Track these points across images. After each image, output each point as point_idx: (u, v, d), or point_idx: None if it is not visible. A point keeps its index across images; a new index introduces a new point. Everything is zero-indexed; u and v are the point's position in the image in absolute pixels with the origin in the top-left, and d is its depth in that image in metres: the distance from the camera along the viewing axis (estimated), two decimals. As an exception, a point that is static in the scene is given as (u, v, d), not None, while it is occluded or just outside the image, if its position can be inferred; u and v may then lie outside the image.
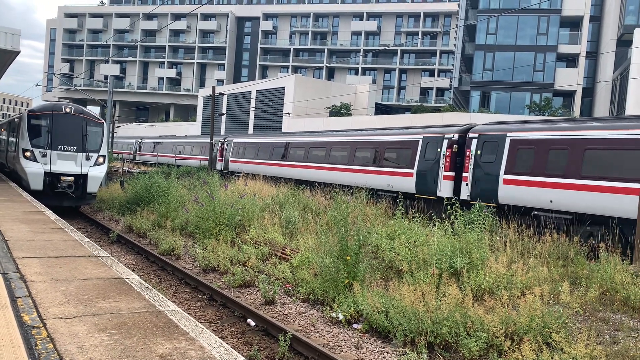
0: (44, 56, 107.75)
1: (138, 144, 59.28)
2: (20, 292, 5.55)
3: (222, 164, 37.81)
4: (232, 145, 36.46)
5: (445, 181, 17.57)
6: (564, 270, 10.79)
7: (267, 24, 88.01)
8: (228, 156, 36.80)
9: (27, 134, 17.95)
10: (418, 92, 78.92)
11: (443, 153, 17.69)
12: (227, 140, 38.14)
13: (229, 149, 36.97)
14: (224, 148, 37.90)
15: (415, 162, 19.07)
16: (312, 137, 27.64)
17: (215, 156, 38.53)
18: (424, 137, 18.99)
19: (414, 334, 7.21)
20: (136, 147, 59.36)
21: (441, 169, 17.74)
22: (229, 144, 37.42)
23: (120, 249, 14.06)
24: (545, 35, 48.07)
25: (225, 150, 37.72)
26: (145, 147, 56.89)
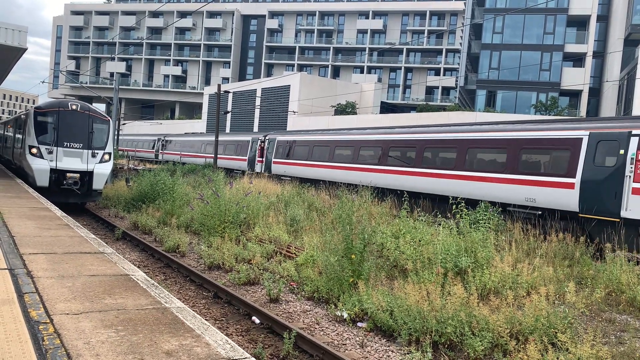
0: (50, 53, 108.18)
1: (161, 142, 53.54)
2: (27, 287, 5.58)
3: (263, 165, 32.54)
4: (276, 144, 30.97)
5: (636, 196, 12.47)
6: (569, 270, 10.76)
7: (273, 22, 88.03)
8: (270, 157, 31.34)
9: (34, 130, 18.02)
10: (424, 91, 78.80)
11: (631, 156, 12.70)
12: (269, 138, 32.65)
13: (272, 148, 31.45)
14: (265, 147, 32.54)
15: (579, 168, 13.84)
16: (412, 133, 20.50)
17: (254, 156, 34.10)
18: (592, 133, 13.88)
19: (419, 333, 7.20)
20: (158, 145, 54.04)
21: (629, 178, 12.67)
22: (271, 143, 31.97)
23: (125, 246, 14.11)
24: (551, 35, 47.88)
25: (266, 150, 32.20)
26: (171, 145, 50.88)
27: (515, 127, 16.55)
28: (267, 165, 31.84)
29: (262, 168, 32.40)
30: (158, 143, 54.01)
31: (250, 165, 34.08)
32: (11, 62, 20.14)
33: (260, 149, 33.23)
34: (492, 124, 18.24)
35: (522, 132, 16.01)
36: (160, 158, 52.14)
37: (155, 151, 54.56)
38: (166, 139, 52.66)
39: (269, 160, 31.48)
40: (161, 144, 53.18)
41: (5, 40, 16.20)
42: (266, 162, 31.97)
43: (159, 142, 53.89)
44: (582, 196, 13.58)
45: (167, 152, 51.25)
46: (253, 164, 33.79)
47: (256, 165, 33.33)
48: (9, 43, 16.35)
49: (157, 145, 54.28)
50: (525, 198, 15.06)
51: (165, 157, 51.19)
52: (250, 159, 34.28)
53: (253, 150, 34.32)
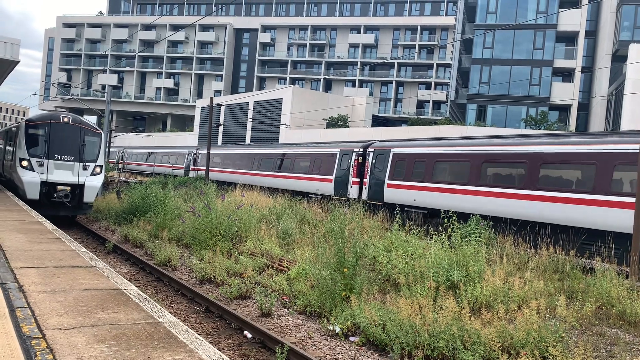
0: (41, 65, 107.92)
1: (192, 155, 44.60)
2: (18, 302, 5.55)
3: (366, 189, 22.52)
4: (391, 158, 21.36)
5: None
6: (560, 284, 10.83)
7: (265, 35, 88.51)
8: (382, 177, 21.56)
9: (25, 143, 17.95)
10: (415, 104, 79.36)
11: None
12: (379, 149, 22.35)
13: (383, 164, 21.77)
14: (369, 162, 22.63)
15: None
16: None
17: (346, 175, 24.12)
18: None
19: (411, 347, 7.22)
20: (189, 160, 44.88)
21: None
22: (380, 156, 22.06)
23: (116, 260, 14.03)
24: (541, 50, 48.51)
25: (371, 167, 22.35)
26: (214, 160, 40.52)
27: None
28: (373, 189, 22.01)
29: (364, 193, 22.58)
30: (189, 157, 45.02)
31: (339, 187, 24.36)
32: (3, 74, 20.11)
33: (358, 164, 23.44)
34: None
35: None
36: (193, 174, 42.18)
37: (185, 167, 45.49)
38: (199, 152, 43.32)
39: (379, 181, 21.72)
40: (193, 159, 44.20)
41: (-3, 53, 16.20)
42: (372, 185, 22.12)
43: (190, 156, 44.91)
44: None
45: (199, 167, 42.05)
46: (344, 187, 24.07)
47: (350, 189, 23.59)
48: (1, 56, 16.34)
49: (189, 159, 45.20)
50: None
51: (197, 173, 41.78)
52: (339, 180, 24.44)
53: (344, 166, 24.41)
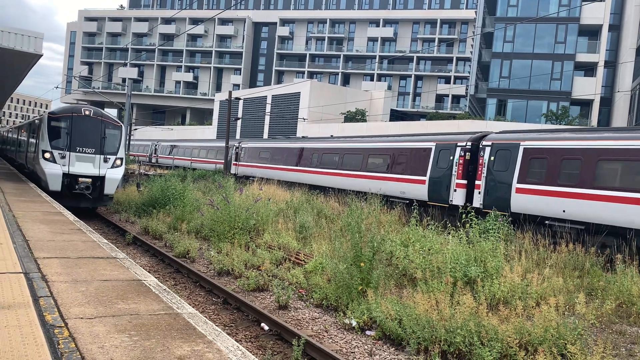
0: (63, 59, 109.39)
1: (234, 149, 39.34)
2: (42, 291, 5.67)
3: (486, 195, 16.89)
4: (522, 154, 16.22)
5: None
6: (579, 281, 10.71)
7: (284, 29, 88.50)
8: (509, 179, 16.31)
9: (47, 135, 18.25)
10: (434, 99, 78.77)
11: None
12: (500, 142, 17.07)
13: (508, 162, 16.54)
14: (487, 159, 17.08)
15: None
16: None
17: (447, 176, 18.54)
18: None
19: (428, 342, 7.22)
20: (231, 154, 39.57)
21: None
22: (506, 152, 16.72)
23: (136, 251, 14.23)
24: (563, 44, 47.77)
25: (491, 165, 16.93)
26: (259, 154, 35.38)
27: None
28: (493, 194, 16.68)
29: (476, 198, 17.24)
30: (231, 152, 39.56)
31: (436, 190, 18.89)
32: (26, 68, 20.43)
33: (464, 162, 17.94)
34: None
35: None
36: (234, 171, 38.18)
37: (230, 158, 40.17)
38: (242, 146, 38.17)
39: (501, 184, 16.49)
40: (235, 153, 39.09)
41: (21, 47, 16.45)
42: (490, 189, 16.83)
43: (232, 151, 39.60)
44: None
45: (246, 164, 36.99)
46: (443, 190, 18.61)
47: (453, 193, 18.17)
48: (24, 49, 16.60)
49: (230, 154, 39.54)
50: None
51: (244, 170, 36.91)
52: (436, 181, 18.94)
53: (443, 164, 18.83)
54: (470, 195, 17.74)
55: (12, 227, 9.63)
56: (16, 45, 16.35)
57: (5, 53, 16.70)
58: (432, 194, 19.19)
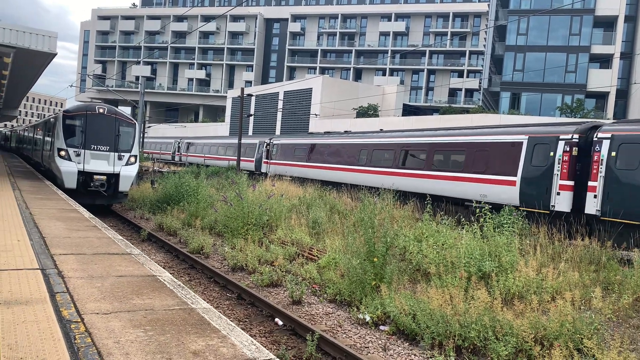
0: (77, 57, 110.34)
1: (265, 146, 35.89)
2: (58, 287, 5.74)
3: (607, 199, 13.69)
4: None
5: None
6: (595, 275, 10.59)
7: (295, 25, 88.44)
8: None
9: (62, 133, 18.44)
10: (446, 93, 78.25)
11: None
12: (625, 134, 13.94)
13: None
14: (606, 156, 14.02)
15: None
16: None
17: (546, 176, 15.50)
18: None
19: (442, 337, 7.19)
20: (262, 152, 36.58)
21: None
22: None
23: (151, 247, 14.34)
24: (577, 36, 47.16)
25: (614, 164, 13.84)
26: (295, 152, 31.30)
27: None
28: (621, 198, 13.53)
29: (591, 203, 14.14)
30: (261, 148, 36.73)
31: (531, 192, 15.86)
32: (41, 67, 20.65)
33: (571, 159, 15.08)
34: None
35: None
36: (265, 170, 34.96)
37: (256, 160, 37.21)
38: (275, 142, 34.44)
39: (633, 187, 13.40)
40: (266, 150, 35.74)
41: (36, 46, 16.63)
42: (614, 192, 13.72)
43: (262, 148, 36.60)
44: None
45: (279, 162, 33.05)
46: (542, 192, 15.50)
47: (556, 197, 15.12)
48: (39, 48, 16.77)
49: (260, 151, 36.71)
50: None
51: (277, 169, 33.00)
52: (531, 182, 16.00)
53: (539, 162, 16.00)
54: (579, 199, 14.70)
55: (29, 224, 9.76)
56: (31, 45, 16.53)
57: (20, 52, 16.89)
58: (525, 198, 15.97)
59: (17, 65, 19.62)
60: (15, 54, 16.88)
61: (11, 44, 16.24)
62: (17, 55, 17.17)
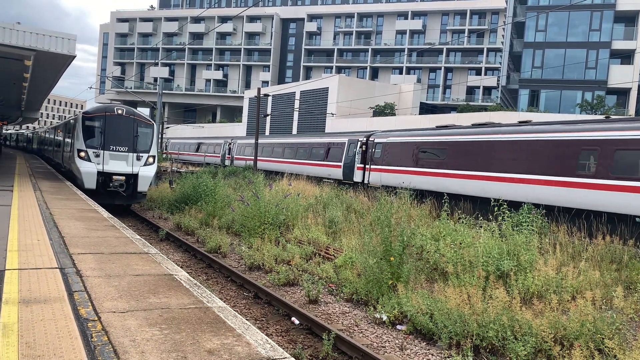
0: (97, 60, 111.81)
1: (357, 144, 26.87)
2: (76, 286, 5.80)
3: None
4: None
5: None
6: (617, 274, 10.39)
7: (312, 25, 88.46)
8: None
9: (82, 135, 18.68)
10: (464, 91, 77.57)
11: None
12: None
13: None
14: None
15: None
16: None
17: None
18: None
19: (460, 336, 7.12)
20: (352, 153, 27.42)
21: None
22: None
23: (169, 247, 14.45)
24: (598, 31, 46.40)
25: None
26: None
27: None
28: None
29: None
30: (352, 149, 27.53)
31: None
32: (61, 69, 20.92)
33: None
34: None
35: None
36: (366, 178, 25.69)
37: (345, 163, 27.91)
38: (381, 141, 25.08)
39: None
40: (361, 151, 26.54)
41: (55, 48, 16.84)
42: None
43: (352, 148, 27.46)
44: None
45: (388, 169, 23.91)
46: None
47: None
48: (59, 51, 16.99)
49: (351, 152, 27.54)
50: None
51: (386, 178, 23.85)
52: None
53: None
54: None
55: (49, 224, 9.90)
56: (50, 47, 16.74)
57: (40, 55, 17.13)
58: None
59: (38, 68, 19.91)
60: (36, 56, 17.12)
61: (31, 47, 16.48)
62: (38, 57, 17.41)
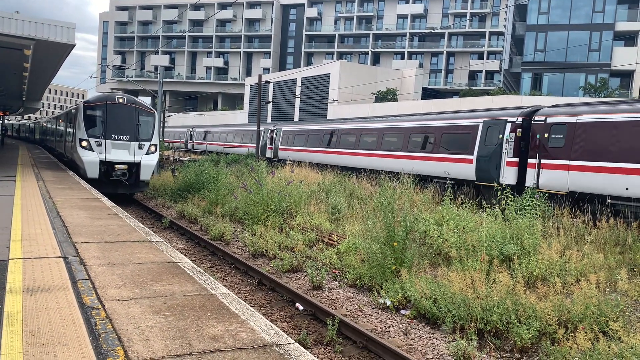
0: (97, 49, 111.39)
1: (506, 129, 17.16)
2: (80, 274, 5.81)
3: None
4: None
5: None
6: (621, 257, 10.38)
7: (312, 10, 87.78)
8: None
9: (83, 124, 18.65)
10: (466, 75, 77.09)
11: None
12: None
13: None
14: None
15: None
16: None
17: None
18: None
19: (464, 320, 7.12)
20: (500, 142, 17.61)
21: None
22: None
23: (172, 235, 14.48)
24: (601, 13, 45.91)
25: None
26: None
27: None
28: None
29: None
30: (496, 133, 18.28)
31: None
32: (61, 58, 20.84)
33: None
34: None
35: None
36: (529, 181, 16.43)
37: (476, 157, 18.88)
38: (556, 118, 15.48)
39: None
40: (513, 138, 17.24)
41: (55, 37, 16.75)
42: None
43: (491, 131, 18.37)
44: None
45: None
46: None
47: None
48: (58, 40, 16.90)
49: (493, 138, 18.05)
50: None
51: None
52: None
53: None
54: None
55: (52, 213, 9.91)
56: (50, 36, 16.65)
57: (40, 44, 17.05)
58: None
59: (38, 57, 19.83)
60: (35, 45, 17.04)
61: (31, 36, 16.39)
62: (37, 47, 17.33)
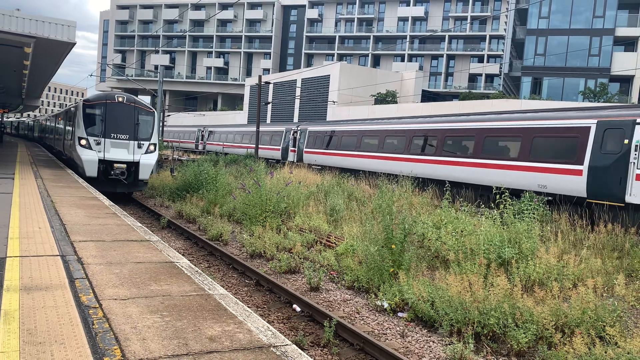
0: (97, 47, 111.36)
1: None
2: (77, 273, 5.80)
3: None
4: None
5: None
6: (619, 262, 10.40)
7: (313, 11, 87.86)
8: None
9: (83, 122, 18.63)
10: (466, 78, 77.15)
11: None
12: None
13: None
14: None
15: None
16: None
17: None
18: None
19: (461, 324, 7.13)
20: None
21: None
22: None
23: (170, 234, 14.47)
24: (601, 18, 46.03)
25: None
26: None
27: None
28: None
29: None
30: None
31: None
32: (61, 56, 20.84)
33: None
34: None
35: None
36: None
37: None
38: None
39: None
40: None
41: (55, 35, 16.76)
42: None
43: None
44: None
45: None
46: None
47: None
48: (58, 38, 16.90)
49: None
50: None
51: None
52: None
53: None
54: None
55: (50, 211, 9.90)
56: (50, 34, 16.66)
57: (40, 42, 17.05)
58: None
59: (38, 55, 19.83)
60: (35, 43, 17.04)
61: (31, 34, 16.39)
62: (37, 45, 17.33)
